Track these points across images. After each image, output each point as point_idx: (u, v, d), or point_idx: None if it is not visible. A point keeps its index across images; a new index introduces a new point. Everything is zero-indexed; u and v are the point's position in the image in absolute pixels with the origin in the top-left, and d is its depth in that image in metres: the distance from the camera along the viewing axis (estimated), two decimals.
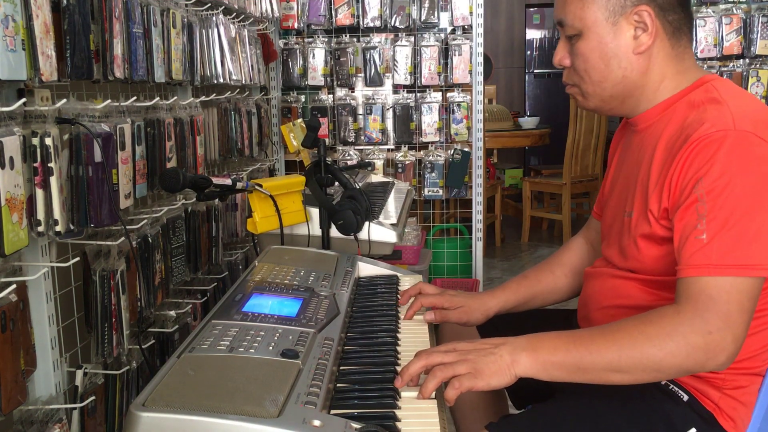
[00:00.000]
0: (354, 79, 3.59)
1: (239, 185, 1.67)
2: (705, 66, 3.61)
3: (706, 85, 1.24)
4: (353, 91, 3.65)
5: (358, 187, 1.92)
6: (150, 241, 1.79)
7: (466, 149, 3.62)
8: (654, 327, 1.08)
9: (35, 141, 1.29)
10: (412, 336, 1.35)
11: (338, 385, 1.09)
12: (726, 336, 1.05)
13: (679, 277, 1.11)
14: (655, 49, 1.25)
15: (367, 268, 1.71)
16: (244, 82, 2.50)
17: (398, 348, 1.26)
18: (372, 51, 3.52)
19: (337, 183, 1.90)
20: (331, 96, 3.65)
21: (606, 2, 1.24)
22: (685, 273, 1.10)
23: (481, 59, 3.56)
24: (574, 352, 1.09)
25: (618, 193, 1.37)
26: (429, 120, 3.58)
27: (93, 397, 1.55)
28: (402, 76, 3.54)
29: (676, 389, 1.22)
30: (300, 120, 2.13)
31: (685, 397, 1.21)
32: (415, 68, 3.55)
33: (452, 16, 3.54)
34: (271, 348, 1.05)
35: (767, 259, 1.08)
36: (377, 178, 3.04)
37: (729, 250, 1.07)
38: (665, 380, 1.22)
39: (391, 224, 1.94)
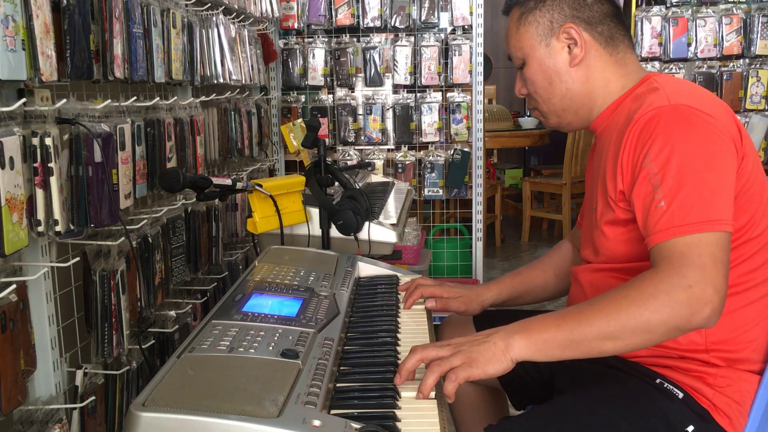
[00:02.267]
0: (354, 79, 3.58)
1: (239, 185, 1.67)
2: (705, 66, 3.62)
3: (649, 80, 1.35)
4: (353, 91, 3.65)
5: (358, 187, 1.92)
6: (150, 241, 1.79)
7: (466, 149, 3.62)
8: (636, 290, 1.09)
9: (35, 141, 1.29)
10: (412, 336, 1.35)
11: (338, 385, 1.09)
12: (706, 288, 1.06)
13: (650, 248, 1.14)
14: (591, 59, 1.37)
15: (367, 268, 1.72)
16: (244, 82, 2.50)
17: (398, 348, 1.26)
18: (372, 51, 3.52)
19: (337, 183, 1.90)
20: (331, 96, 3.65)
21: (536, 29, 1.39)
22: (654, 241, 1.13)
23: (481, 59, 3.56)
24: (564, 327, 1.11)
25: (588, 196, 1.46)
26: (429, 120, 3.58)
27: (93, 397, 1.55)
28: (402, 76, 3.54)
29: (671, 387, 1.24)
30: (300, 120, 2.13)
31: (681, 395, 1.23)
32: (415, 68, 3.55)
33: (452, 16, 3.54)
34: (271, 348, 1.05)
35: (727, 215, 1.12)
36: (377, 178, 3.04)
37: (689, 210, 1.11)
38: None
39: (391, 224, 1.94)
